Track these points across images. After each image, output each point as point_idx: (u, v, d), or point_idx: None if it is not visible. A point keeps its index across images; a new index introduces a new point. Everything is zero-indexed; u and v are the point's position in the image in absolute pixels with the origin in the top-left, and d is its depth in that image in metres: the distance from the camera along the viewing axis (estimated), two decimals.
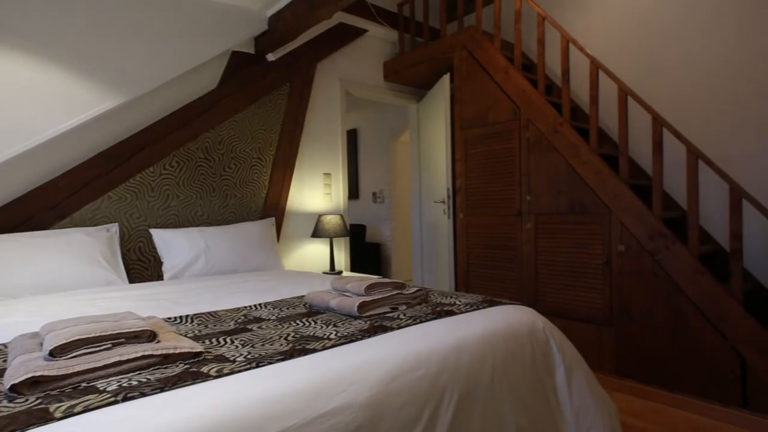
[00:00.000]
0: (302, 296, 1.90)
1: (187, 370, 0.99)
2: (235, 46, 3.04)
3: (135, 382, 0.92)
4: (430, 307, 1.61)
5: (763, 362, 1.99)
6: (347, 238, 3.73)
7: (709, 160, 2.21)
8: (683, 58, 2.85)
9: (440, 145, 3.73)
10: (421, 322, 1.42)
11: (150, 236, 2.66)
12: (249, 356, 1.09)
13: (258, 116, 3.17)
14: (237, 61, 3.07)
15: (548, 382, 1.48)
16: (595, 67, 2.60)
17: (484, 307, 1.60)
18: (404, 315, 1.51)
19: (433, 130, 3.92)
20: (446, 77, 3.62)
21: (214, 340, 1.26)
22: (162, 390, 0.89)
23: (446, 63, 3.52)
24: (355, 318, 1.50)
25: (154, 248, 2.65)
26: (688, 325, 2.22)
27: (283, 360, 1.07)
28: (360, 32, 3.76)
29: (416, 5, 4.06)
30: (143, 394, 0.86)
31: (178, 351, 1.05)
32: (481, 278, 3.23)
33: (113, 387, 0.89)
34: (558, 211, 2.75)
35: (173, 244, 2.57)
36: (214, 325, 1.43)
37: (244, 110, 3.10)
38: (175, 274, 2.52)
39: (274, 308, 1.69)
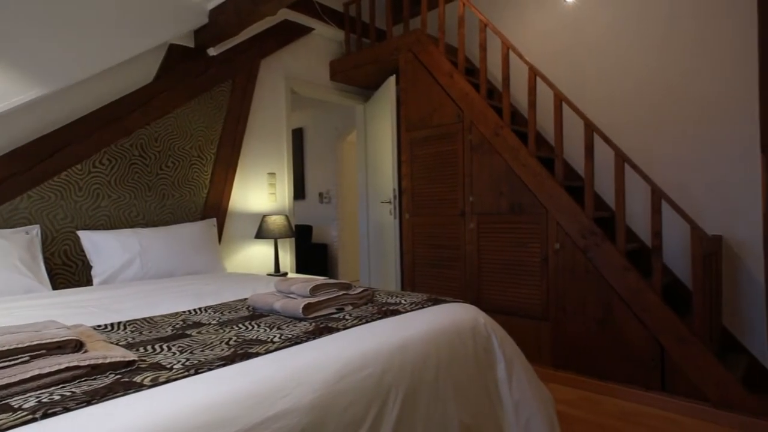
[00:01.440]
0: (245, 299, 1.84)
1: (119, 380, 0.93)
2: (173, 39, 2.90)
3: (57, 397, 0.85)
4: (376, 307, 1.62)
5: (679, 349, 2.18)
6: (293, 239, 3.66)
7: (634, 164, 2.38)
8: (613, 69, 3.06)
9: (386, 145, 3.76)
10: (367, 322, 1.42)
11: (77, 238, 2.47)
12: (187, 363, 1.05)
13: (198, 113, 3.04)
14: (175, 55, 2.93)
15: (490, 377, 1.53)
16: (533, 73, 2.72)
17: (429, 306, 1.62)
18: (350, 315, 1.51)
19: (379, 131, 3.94)
20: (392, 79, 3.65)
21: (149, 347, 1.19)
22: (89, 403, 0.83)
23: (392, 64, 3.55)
24: (300, 320, 1.48)
25: (82, 251, 2.47)
26: (616, 317, 2.39)
27: (224, 365, 1.04)
28: (306, 30, 3.71)
29: (362, 6, 4.07)
30: (67, 409, 0.80)
31: (108, 361, 0.98)
32: (426, 277, 3.28)
33: (31, 403, 0.82)
34: (499, 211, 2.86)
35: (104, 247, 2.41)
36: (150, 332, 1.36)
37: (183, 106, 2.96)
38: (106, 279, 2.36)
39: (215, 312, 1.62)
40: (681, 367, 2.18)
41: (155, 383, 0.92)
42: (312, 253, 5.37)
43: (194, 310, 1.67)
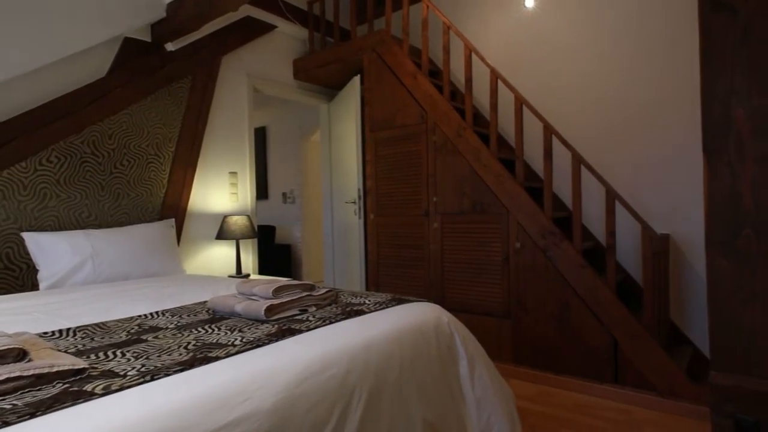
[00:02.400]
0: (205, 302, 1.79)
1: (67, 390, 0.89)
2: (128, 32, 2.78)
3: None
4: (340, 308, 1.61)
5: (631, 343, 2.28)
6: (255, 240, 3.60)
7: (590, 166, 2.48)
8: (571, 74, 3.17)
9: (351, 145, 3.75)
10: (331, 322, 1.42)
11: (22, 241, 2.33)
12: (143, 369, 1.01)
13: (155, 110, 2.94)
14: (130, 49, 2.81)
15: (453, 374, 1.55)
16: (495, 77, 2.79)
17: (393, 306, 1.63)
18: (314, 317, 1.49)
19: (344, 131, 3.93)
20: (357, 79, 3.64)
21: (101, 354, 1.14)
22: (32, 416, 0.78)
23: (356, 64, 3.55)
24: (263, 322, 1.45)
25: (28, 254, 2.33)
26: (573, 314, 2.47)
27: (182, 371, 1.00)
28: (269, 27, 3.65)
29: (326, 5, 4.04)
30: (6, 423, 0.75)
31: (54, 369, 0.93)
32: (391, 277, 3.30)
33: None
34: (462, 211, 2.91)
35: (52, 250, 2.29)
36: (102, 338, 1.30)
37: (139, 102, 2.85)
38: (54, 283, 2.24)
39: (173, 316, 1.57)
40: (632, 360, 2.29)
41: (107, 391, 0.88)
42: (275, 254, 5.29)
43: (151, 314, 1.61)
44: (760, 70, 0.84)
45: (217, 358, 1.08)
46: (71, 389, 0.89)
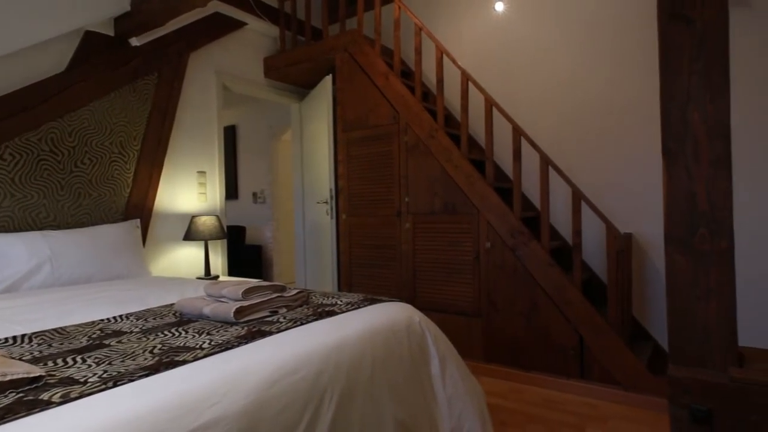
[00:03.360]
0: (172, 304, 1.75)
1: (21, 399, 0.85)
2: (89, 26, 2.68)
3: None
4: (311, 309, 1.60)
5: (596, 339, 2.36)
6: (224, 241, 3.52)
7: (557, 167, 2.55)
8: (539, 77, 3.24)
9: (323, 145, 3.73)
10: (302, 324, 1.40)
11: None
12: (105, 375, 0.97)
13: (119, 106, 2.84)
14: (92, 43, 2.71)
15: (424, 373, 1.56)
16: (466, 78, 2.82)
17: (365, 306, 1.63)
18: (284, 318, 1.48)
19: (315, 130, 3.90)
20: (328, 78, 3.62)
21: (59, 360, 1.09)
22: None
23: (328, 64, 3.53)
24: (232, 324, 1.42)
25: None
26: (541, 311, 2.53)
27: (147, 376, 0.97)
28: (239, 24, 3.59)
29: (298, 3, 4.00)
30: None
31: (7, 378, 0.89)
32: (363, 277, 3.29)
33: None
34: (433, 211, 2.93)
35: (5, 252, 2.18)
36: (61, 344, 1.25)
37: (102, 99, 2.75)
38: (8, 287, 2.13)
39: (137, 319, 1.52)
40: (597, 355, 2.36)
41: (66, 400, 0.84)
42: (245, 254, 5.20)
43: (114, 317, 1.55)
44: (714, 78, 0.88)
45: (184, 362, 1.06)
46: (26, 399, 0.85)
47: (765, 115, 2.49)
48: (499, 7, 3.39)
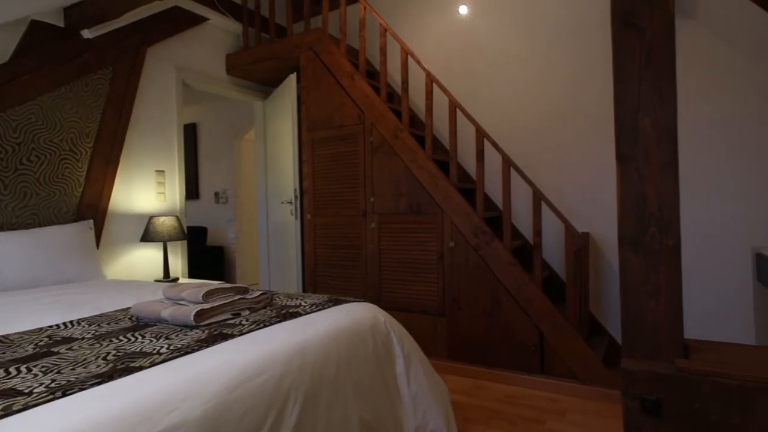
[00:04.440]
0: (128, 308, 1.68)
1: None
2: (36, 15, 2.54)
3: None
4: (275, 311, 1.57)
5: (555, 335, 2.44)
6: (184, 242, 3.42)
7: (519, 168, 2.62)
8: (502, 80, 3.32)
9: (287, 144, 3.68)
10: (265, 326, 1.38)
11: None
12: (53, 385, 0.92)
13: (70, 101, 2.70)
14: (38, 33, 2.57)
15: (389, 372, 1.57)
16: (430, 80, 2.85)
17: (330, 307, 1.62)
18: (247, 320, 1.45)
19: (279, 130, 3.84)
20: (293, 77, 3.58)
21: (1, 371, 1.03)
22: None
23: (292, 62, 3.48)
24: (192, 328, 1.38)
25: None
26: (503, 309, 2.59)
27: (99, 384, 0.93)
28: (199, 19, 3.49)
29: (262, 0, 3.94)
30: None
31: None
32: (328, 278, 3.27)
33: None
34: (399, 211, 2.95)
35: None
36: (3, 353, 1.17)
37: (51, 93, 2.61)
38: None
39: (90, 325, 1.45)
40: (557, 351, 2.44)
41: (7, 413, 0.80)
42: (207, 256, 5.06)
43: (64, 323, 1.48)
44: (662, 85, 0.92)
45: (140, 368, 1.02)
46: None
47: (705, 120, 2.65)
48: (463, 10, 3.45)
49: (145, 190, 3.17)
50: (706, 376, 0.82)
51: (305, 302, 1.70)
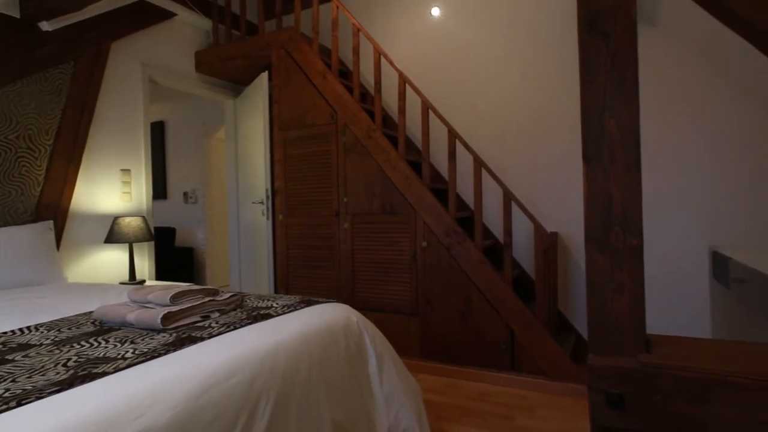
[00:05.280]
0: (90, 312, 1.62)
1: None
2: None
3: None
4: (245, 312, 1.55)
5: (525, 332, 2.49)
6: (151, 243, 3.32)
7: (490, 169, 2.66)
8: (474, 81, 3.36)
9: (258, 144, 3.62)
10: (236, 328, 1.36)
11: None
12: (7, 395, 0.88)
13: (27, 97, 2.58)
14: None
15: (362, 373, 1.57)
16: (403, 81, 2.87)
17: (302, 308, 1.61)
18: (217, 323, 1.42)
19: (251, 129, 3.78)
20: (264, 75, 3.53)
21: None
22: None
23: (264, 61, 3.43)
24: (159, 331, 1.35)
25: None
26: (474, 308, 2.63)
27: (58, 391, 0.89)
28: (167, 15, 3.39)
29: None
30: None
31: None
32: (300, 279, 3.24)
33: None
34: (372, 211, 2.95)
35: None
36: None
37: (6, 87, 2.49)
38: None
39: (49, 330, 1.39)
40: (527, 348, 2.49)
41: None
42: (175, 258, 4.93)
43: (21, 329, 1.41)
44: (625, 89, 0.95)
45: (103, 374, 0.98)
46: None
47: (665, 123, 2.76)
48: (436, 12, 3.48)
49: (110, 189, 3.06)
50: (666, 370, 0.85)
51: (277, 303, 1.67)
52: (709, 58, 2.59)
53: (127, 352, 1.15)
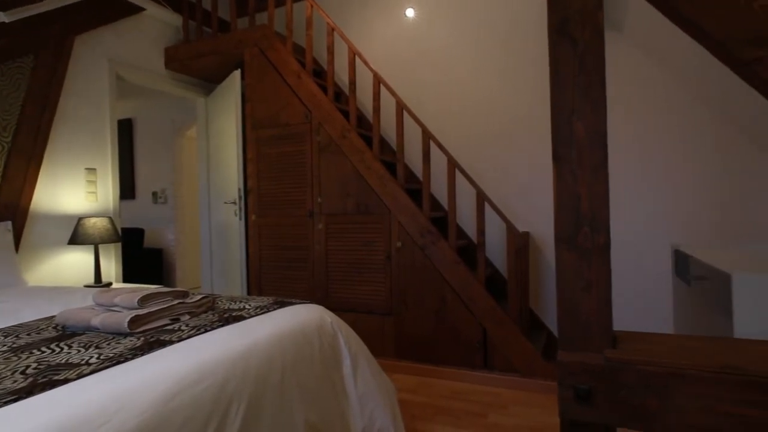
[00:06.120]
0: (52, 317, 1.56)
1: None
2: None
3: None
4: (217, 315, 1.52)
5: (497, 331, 2.53)
6: (118, 244, 3.22)
7: (463, 169, 2.69)
8: (448, 83, 3.39)
9: (231, 143, 3.56)
10: (206, 330, 1.33)
11: None
12: None
13: None
14: None
15: (336, 374, 1.56)
16: (378, 81, 2.87)
17: (275, 309, 1.59)
18: (187, 326, 1.38)
19: (223, 127, 3.71)
20: (237, 73, 3.47)
21: None
22: None
23: (236, 58, 3.38)
24: (126, 335, 1.31)
25: None
26: (449, 307, 2.65)
27: (16, 401, 0.86)
28: (135, 9, 3.30)
29: None
30: None
31: None
32: (274, 280, 3.20)
33: None
34: (346, 211, 2.94)
35: None
36: None
37: None
38: None
39: (6, 336, 1.33)
40: (499, 346, 2.53)
41: None
42: (144, 259, 4.79)
43: None
44: (593, 93, 0.98)
45: (65, 381, 0.95)
46: None
47: (629, 125, 2.85)
48: (410, 13, 3.50)
49: (74, 189, 2.95)
50: (630, 365, 0.88)
51: (249, 305, 1.65)
52: (671, 62, 2.69)
53: (92, 357, 1.11)
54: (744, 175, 2.61)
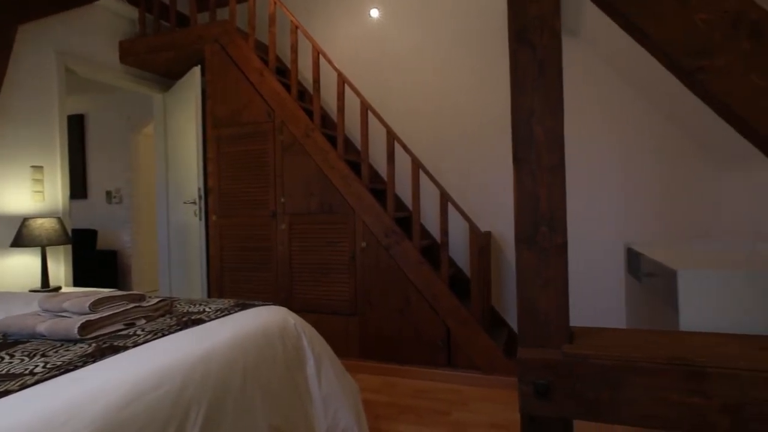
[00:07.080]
0: None
1: None
2: None
3: None
4: (175, 318, 1.47)
5: (460, 329, 2.57)
6: (68, 246, 3.06)
7: (427, 170, 2.72)
8: (412, 84, 3.42)
9: (190, 141, 3.45)
10: (164, 335, 1.28)
11: None
12: None
13: None
14: None
15: (300, 376, 1.54)
16: (342, 80, 2.86)
17: (236, 311, 1.55)
18: (143, 330, 1.33)
19: (182, 125, 3.60)
20: (197, 69, 3.37)
21: None
22: None
23: (196, 54, 3.28)
24: (76, 342, 1.24)
25: None
26: (413, 307, 2.68)
27: None
28: None
29: None
30: None
31: None
32: (236, 282, 3.13)
33: None
34: (310, 211, 2.91)
35: None
36: None
37: None
38: None
39: None
40: (462, 344, 2.57)
41: None
42: (97, 262, 4.58)
43: None
44: (551, 97, 1.01)
45: (6, 393, 0.89)
46: None
47: (583, 128, 2.97)
48: (374, 13, 3.51)
49: (18, 188, 2.78)
50: (585, 359, 0.92)
51: (210, 308, 1.61)
52: (623, 67, 2.82)
53: (37, 366, 1.05)
54: (690, 177, 2.77)
